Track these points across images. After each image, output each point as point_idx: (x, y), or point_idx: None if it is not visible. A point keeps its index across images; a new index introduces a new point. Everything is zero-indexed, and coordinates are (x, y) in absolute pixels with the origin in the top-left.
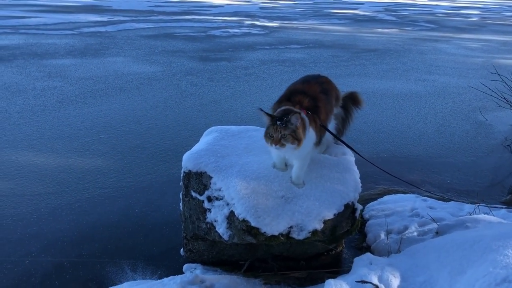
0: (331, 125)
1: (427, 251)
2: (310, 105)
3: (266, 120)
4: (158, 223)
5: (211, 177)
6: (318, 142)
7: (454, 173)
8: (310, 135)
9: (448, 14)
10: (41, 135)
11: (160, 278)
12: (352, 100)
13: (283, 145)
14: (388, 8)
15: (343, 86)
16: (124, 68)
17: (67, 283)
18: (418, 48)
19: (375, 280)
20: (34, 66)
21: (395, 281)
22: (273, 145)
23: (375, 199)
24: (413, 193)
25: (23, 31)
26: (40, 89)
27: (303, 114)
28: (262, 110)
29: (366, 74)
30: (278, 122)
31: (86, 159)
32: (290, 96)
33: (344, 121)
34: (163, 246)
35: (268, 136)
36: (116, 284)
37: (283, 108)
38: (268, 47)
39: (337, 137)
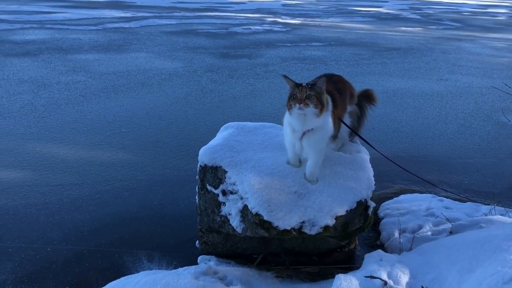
0: (346, 123)
1: (438, 250)
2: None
3: (290, 86)
4: (175, 216)
5: (226, 172)
6: (335, 136)
7: (473, 174)
8: (329, 123)
9: (474, 13)
10: (64, 128)
11: (175, 268)
12: (366, 98)
13: (307, 105)
14: (413, 6)
15: (364, 85)
16: (146, 63)
17: (86, 270)
18: (442, 47)
19: (384, 276)
20: (59, 61)
21: (404, 277)
22: (297, 105)
23: (391, 198)
24: (430, 193)
25: (49, 26)
26: (65, 83)
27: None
28: (286, 76)
29: (387, 73)
30: (304, 84)
31: (107, 152)
32: None
33: (359, 119)
34: (179, 238)
35: (292, 98)
36: (132, 273)
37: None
38: (289, 45)
39: (354, 130)
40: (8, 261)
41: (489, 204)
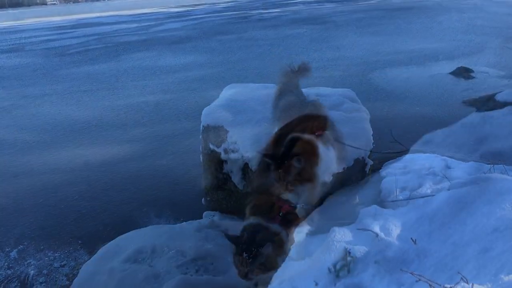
0: None
1: (431, 204)
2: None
3: None
4: (183, 175)
5: (227, 131)
6: None
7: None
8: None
9: None
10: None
11: None
12: None
13: None
14: None
15: (372, 46)
16: (158, 26)
17: (98, 225)
18: (458, 6)
19: (376, 229)
20: None
21: (395, 230)
22: None
23: (395, 157)
24: (434, 153)
25: None
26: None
27: None
28: None
29: (398, 33)
30: None
31: (118, 116)
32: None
33: None
34: (186, 196)
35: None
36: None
37: None
38: (301, 5)
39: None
40: (24, 216)
41: (491, 163)
